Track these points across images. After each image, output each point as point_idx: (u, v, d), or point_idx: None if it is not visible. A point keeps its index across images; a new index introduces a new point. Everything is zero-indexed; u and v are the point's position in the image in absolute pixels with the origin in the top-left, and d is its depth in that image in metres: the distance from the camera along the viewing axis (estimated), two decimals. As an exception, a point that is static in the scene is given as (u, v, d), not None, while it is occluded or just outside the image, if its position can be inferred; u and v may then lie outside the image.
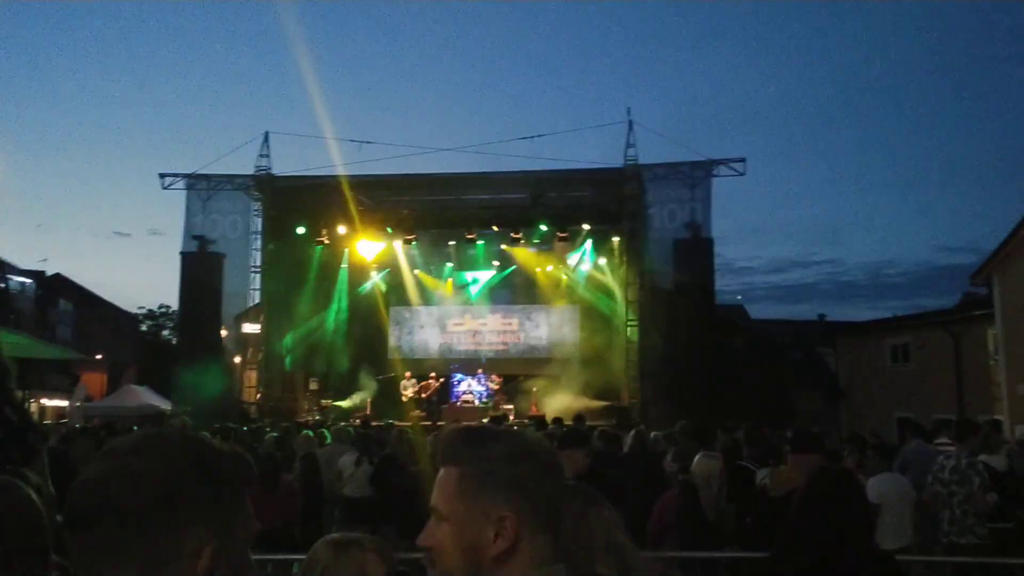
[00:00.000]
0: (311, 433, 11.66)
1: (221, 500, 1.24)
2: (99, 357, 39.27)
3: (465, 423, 1.62)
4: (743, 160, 23.32)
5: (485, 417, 21.00)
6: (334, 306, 27.55)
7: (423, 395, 24.79)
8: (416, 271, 27.91)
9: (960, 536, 7.24)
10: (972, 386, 23.77)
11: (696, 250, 23.08)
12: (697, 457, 7.14)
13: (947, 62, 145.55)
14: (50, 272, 50.25)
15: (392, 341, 28.11)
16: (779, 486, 5.38)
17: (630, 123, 23.77)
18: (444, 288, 28.08)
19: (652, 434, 11.67)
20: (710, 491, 6.91)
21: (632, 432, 12.67)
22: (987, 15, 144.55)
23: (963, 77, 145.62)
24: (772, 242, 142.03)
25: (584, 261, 26.76)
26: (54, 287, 48.57)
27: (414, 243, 26.39)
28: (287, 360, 25.66)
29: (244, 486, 1.30)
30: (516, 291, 27.95)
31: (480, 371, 26.44)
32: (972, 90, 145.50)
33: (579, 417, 14.26)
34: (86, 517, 1.18)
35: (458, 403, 25.14)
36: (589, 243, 26.17)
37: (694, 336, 21.90)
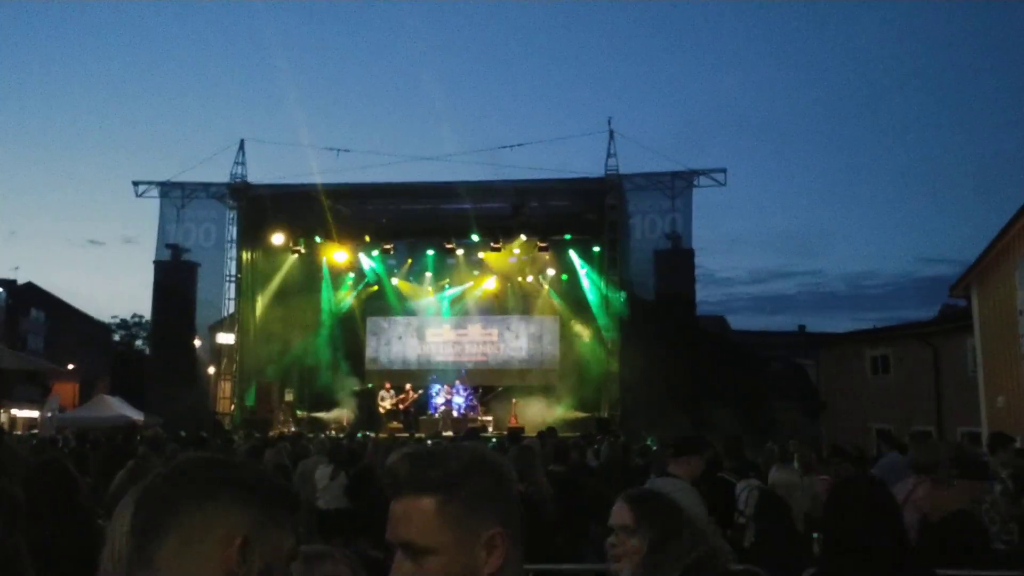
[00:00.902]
0: (287, 446, 11.41)
1: (257, 504, 1.31)
2: (71, 367, 38.73)
3: (406, 448, 1.50)
4: (724, 171, 23.43)
5: (464, 428, 20.89)
6: (310, 316, 27.20)
7: (401, 406, 24.54)
8: (395, 281, 27.62)
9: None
10: (951, 398, 23.83)
11: (677, 261, 23.11)
12: (774, 469, 6.95)
13: (929, 74, 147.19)
14: (22, 281, 49.56)
15: (370, 352, 27.81)
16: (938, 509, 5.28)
17: (611, 133, 23.81)
18: (423, 298, 27.79)
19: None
20: (798, 504, 6.68)
21: (606, 443, 12.56)
22: (966, 28, 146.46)
23: (944, 89, 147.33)
24: (753, 253, 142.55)
25: (565, 271, 26.58)
26: (26, 296, 47.88)
27: (392, 252, 26.17)
28: (262, 371, 25.30)
29: (284, 507, 1.37)
30: (496, 301, 27.73)
31: (459, 382, 26.21)
32: (953, 102, 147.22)
33: (551, 430, 13.99)
34: (140, 502, 1.31)
35: (436, 414, 24.95)
36: (570, 253, 26.02)
37: (675, 347, 21.86)
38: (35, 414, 34.17)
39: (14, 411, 36.62)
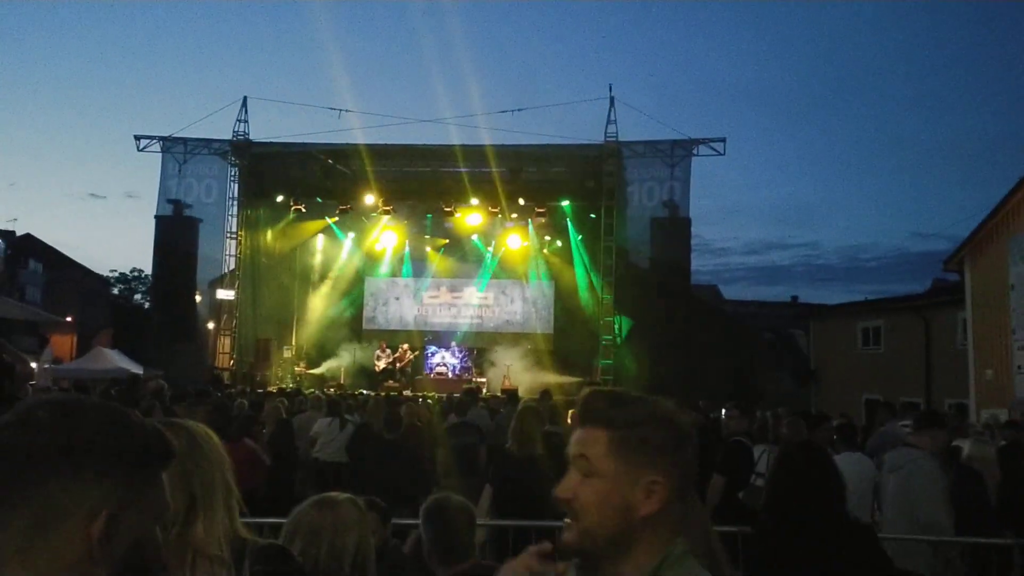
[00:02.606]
0: (284, 401, 11.61)
1: (125, 467, 1.14)
2: (69, 319, 38.78)
3: (604, 387, 1.76)
4: (723, 140, 23.38)
5: (458, 390, 20.99)
6: (309, 274, 27.38)
7: (397, 366, 24.75)
8: (393, 242, 27.74)
9: None
10: (941, 370, 24.05)
11: (673, 229, 23.20)
12: (970, 441, 7.19)
13: (928, 51, 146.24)
14: (20, 232, 49.52)
15: (367, 311, 28.06)
16: None
17: (611, 100, 23.71)
18: (421, 260, 27.96)
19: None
20: (993, 475, 6.90)
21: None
22: (967, 7, 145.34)
23: (943, 66, 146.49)
24: (750, 224, 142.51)
25: (561, 237, 26.67)
26: (24, 248, 47.87)
27: (391, 214, 26.19)
28: (261, 327, 25.53)
29: (155, 463, 1.21)
30: (493, 265, 27.85)
31: (454, 344, 26.45)
32: (951, 80, 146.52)
33: (546, 392, 14.18)
34: None
35: (431, 375, 25.23)
36: (567, 219, 26.08)
37: (668, 314, 22.09)
38: (33, 365, 34.30)
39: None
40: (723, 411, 10.40)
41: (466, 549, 3.32)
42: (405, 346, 25.40)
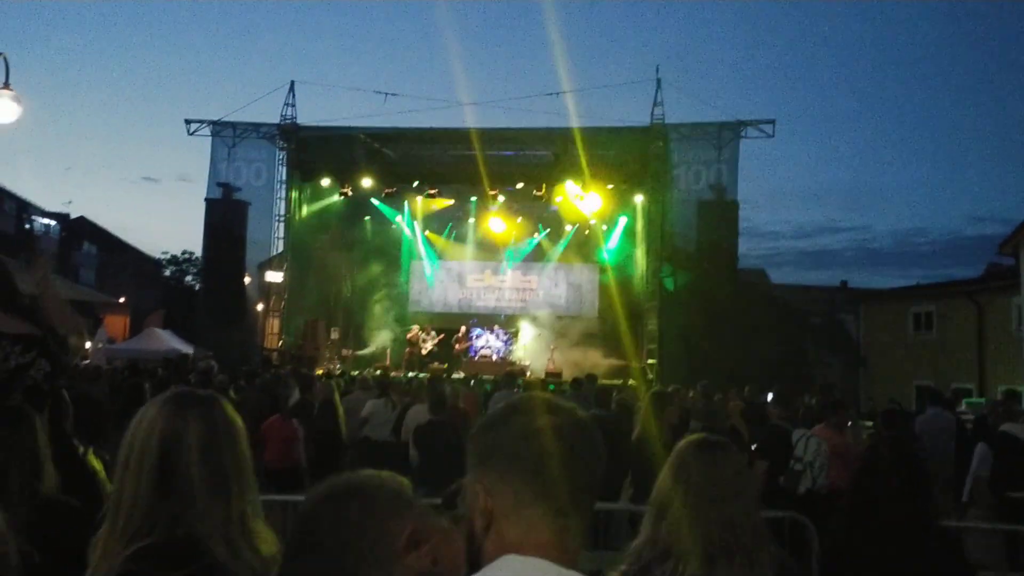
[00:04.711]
0: (342, 382, 11.76)
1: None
2: (122, 301, 39.58)
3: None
4: (772, 122, 23.04)
5: (503, 371, 21.03)
6: (356, 257, 27.63)
7: (457, 346, 24.98)
8: (438, 225, 27.92)
9: None
10: (993, 356, 23.67)
11: (721, 212, 22.87)
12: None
13: (986, 31, 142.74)
14: (75, 215, 50.62)
15: (413, 294, 28.24)
16: None
17: (658, 81, 23.49)
18: (465, 243, 28.05)
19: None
20: None
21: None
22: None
23: (1002, 47, 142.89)
24: (800, 207, 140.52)
25: (607, 220, 26.49)
26: (79, 230, 48.94)
27: (436, 197, 26.28)
28: (309, 309, 25.85)
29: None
30: (537, 248, 27.86)
31: (497, 327, 26.54)
32: (1010, 61, 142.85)
33: (591, 376, 14.24)
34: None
35: (476, 357, 25.33)
36: (613, 202, 25.90)
37: (715, 298, 21.86)
38: (87, 345, 35.02)
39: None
40: (769, 396, 10.31)
41: None
42: (463, 328, 25.55)
